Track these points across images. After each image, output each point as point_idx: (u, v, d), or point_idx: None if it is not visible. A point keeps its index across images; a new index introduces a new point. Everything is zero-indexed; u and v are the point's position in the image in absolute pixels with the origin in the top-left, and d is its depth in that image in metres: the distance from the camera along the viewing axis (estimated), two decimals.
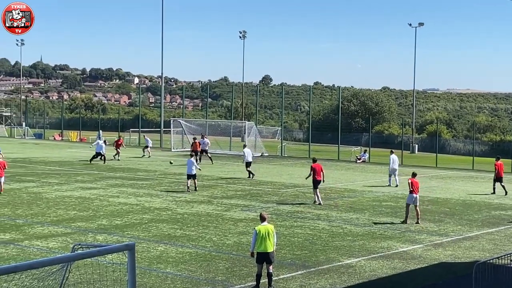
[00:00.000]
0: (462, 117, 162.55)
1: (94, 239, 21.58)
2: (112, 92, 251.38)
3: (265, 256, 16.20)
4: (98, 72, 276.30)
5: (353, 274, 18.07)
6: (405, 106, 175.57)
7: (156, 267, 18.24)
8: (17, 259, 18.61)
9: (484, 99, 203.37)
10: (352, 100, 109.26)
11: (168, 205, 29.06)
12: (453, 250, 21.46)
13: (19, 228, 23.41)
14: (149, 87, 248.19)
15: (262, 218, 16.62)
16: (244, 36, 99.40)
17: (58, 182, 36.34)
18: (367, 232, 23.94)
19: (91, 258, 13.38)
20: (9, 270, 9.50)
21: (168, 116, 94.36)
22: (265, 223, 16.46)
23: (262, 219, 16.57)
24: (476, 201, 33.01)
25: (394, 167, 38.61)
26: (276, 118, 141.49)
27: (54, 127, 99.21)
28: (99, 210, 27.54)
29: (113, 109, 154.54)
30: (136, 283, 11.17)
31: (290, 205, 29.98)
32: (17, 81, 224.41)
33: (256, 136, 61.25)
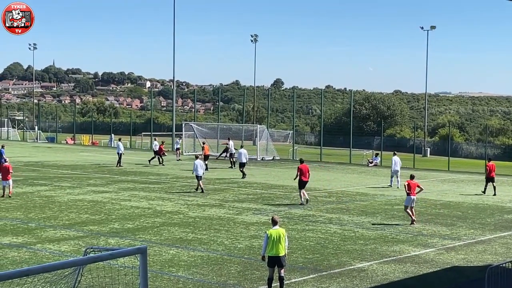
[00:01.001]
0: (475, 120, 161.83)
1: (106, 243, 21.62)
2: (124, 96, 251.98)
3: (276, 260, 16.17)
4: (110, 76, 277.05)
5: (365, 278, 18.03)
6: (417, 110, 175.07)
7: (168, 271, 18.26)
8: (30, 263, 18.68)
9: (496, 102, 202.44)
10: (364, 103, 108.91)
11: (180, 209, 29.10)
12: (465, 254, 21.37)
13: (31, 231, 23.51)
14: (161, 91, 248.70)
15: (274, 222, 16.56)
16: (256, 40, 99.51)
17: (70, 186, 36.47)
18: (379, 236, 23.88)
19: (103, 262, 13.42)
20: (22, 274, 9.54)
21: (180, 119, 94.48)
22: (276, 227, 16.40)
23: (274, 223, 16.52)
24: (489, 204, 32.86)
25: (396, 169, 39.30)
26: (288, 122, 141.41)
27: (67, 131, 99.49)
28: (111, 213, 27.61)
29: (125, 113, 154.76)
30: (148, 287, 11.19)
31: (302, 208, 29.94)
32: (29, 85, 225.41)
33: (268, 139, 61.23)
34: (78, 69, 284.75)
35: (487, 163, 38.10)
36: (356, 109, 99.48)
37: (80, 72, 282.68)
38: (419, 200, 33.72)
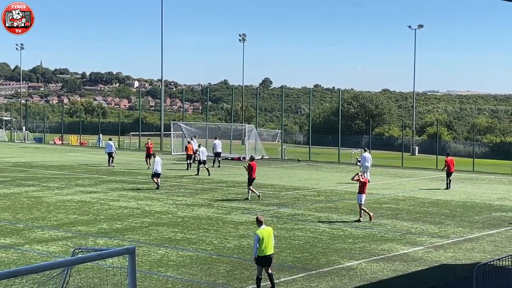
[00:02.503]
0: (462, 118, 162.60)
1: (94, 243, 21.56)
2: (112, 95, 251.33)
3: (267, 259, 16.15)
4: (98, 76, 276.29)
5: (354, 276, 18.06)
6: (405, 108, 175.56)
7: (157, 271, 18.23)
8: (18, 264, 18.61)
9: (484, 100, 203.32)
10: (352, 102, 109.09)
11: (169, 209, 29.05)
12: (454, 252, 21.45)
13: (19, 232, 23.41)
14: (149, 90, 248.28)
15: (260, 222, 16.46)
16: (244, 39, 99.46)
17: (58, 186, 36.34)
18: (367, 235, 23.93)
19: (91, 262, 13.38)
20: (10, 275, 9.51)
21: (168, 119, 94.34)
22: (263, 226, 16.35)
23: (260, 223, 16.43)
24: (477, 202, 32.99)
25: (366, 165, 40.15)
26: (276, 121, 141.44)
27: (54, 131, 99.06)
28: (99, 214, 27.53)
29: (113, 113, 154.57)
30: (137, 287, 11.17)
31: (291, 207, 29.97)
32: (17, 85, 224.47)
33: (256, 139, 61.20)
34: (65, 69, 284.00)
35: (446, 158, 38.93)
36: (345, 108, 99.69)
37: (67, 72, 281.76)
38: (407, 198, 33.86)
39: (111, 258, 12.24)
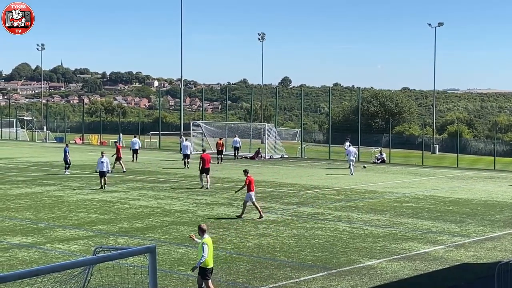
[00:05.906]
0: (483, 117, 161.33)
1: (115, 242, 21.67)
2: (132, 95, 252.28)
3: (212, 271, 15.40)
4: (118, 75, 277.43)
5: (374, 275, 18.01)
6: (425, 107, 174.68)
7: (177, 270, 18.29)
8: (39, 263, 18.75)
9: (505, 98, 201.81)
10: (371, 101, 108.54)
11: (189, 208, 29.13)
12: (475, 251, 21.32)
13: (41, 231, 23.58)
14: (169, 90, 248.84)
15: (202, 231, 15.35)
16: (263, 38, 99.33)
17: (79, 186, 36.55)
18: (388, 233, 23.85)
19: (112, 261, 13.44)
20: (32, 274, 9.58)
21: (188, 118, 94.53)
22: (206, 236, 15.30)
23: (203, 232, 15.33)
24: (498, 201, 32.76)
25: (351, 158, 44.75)
26: (296, 120, 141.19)
27: (75, 130, 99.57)
28: (120, 213, 27.66)
29: (133, 113, 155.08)
30: (157, 286, 11.21)
31: (311, 206, 29.94)
32: (38, 85, 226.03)
33: (276, 138, 61.22)
34: (86, 69, 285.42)
35: None
36: (364, 106, 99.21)
37: (88, 72, 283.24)
38: (427, 197, 33.69)
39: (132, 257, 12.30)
